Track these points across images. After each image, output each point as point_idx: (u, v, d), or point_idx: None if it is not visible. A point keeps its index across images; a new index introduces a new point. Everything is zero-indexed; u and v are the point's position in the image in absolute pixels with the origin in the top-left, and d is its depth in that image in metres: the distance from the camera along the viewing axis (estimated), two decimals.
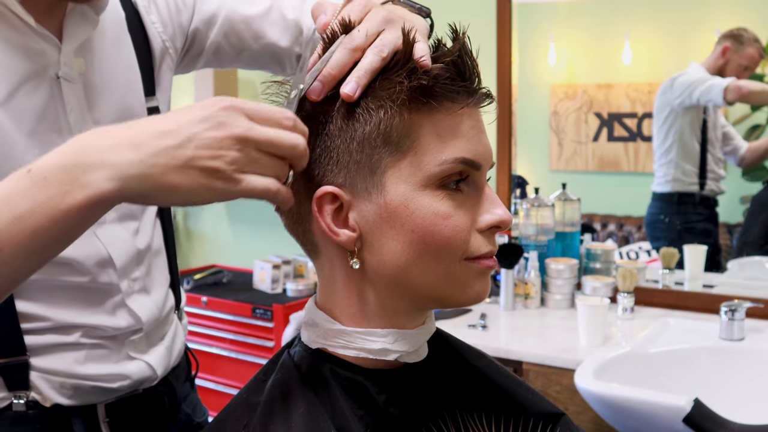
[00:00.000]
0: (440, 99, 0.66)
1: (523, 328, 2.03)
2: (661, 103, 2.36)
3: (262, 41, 1.09)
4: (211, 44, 1.08)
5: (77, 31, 0.89)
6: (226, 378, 2.71)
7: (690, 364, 1.69)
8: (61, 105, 0.88)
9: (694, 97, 2.27)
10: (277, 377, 0.72)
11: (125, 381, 0.98)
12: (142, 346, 1.01)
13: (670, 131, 2.35)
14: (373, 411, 0.70)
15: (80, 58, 0.91)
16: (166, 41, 1.04)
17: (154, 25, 1.02)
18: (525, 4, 2.49)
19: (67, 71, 0.88)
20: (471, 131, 0.68)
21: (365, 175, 0.67)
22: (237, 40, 1.09)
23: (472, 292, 0.70)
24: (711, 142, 2.33)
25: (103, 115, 0.93)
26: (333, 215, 0.68)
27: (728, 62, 2.24)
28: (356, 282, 0.70)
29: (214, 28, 1.08)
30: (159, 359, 1.03)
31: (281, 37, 1.09)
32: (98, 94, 0.93)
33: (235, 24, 1.08)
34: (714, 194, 2.35)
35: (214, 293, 2.78)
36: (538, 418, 0.80)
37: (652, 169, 2.45)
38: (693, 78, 2.29)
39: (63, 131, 0.89)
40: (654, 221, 2.43)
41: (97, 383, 0.95)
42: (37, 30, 0.85)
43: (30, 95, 0.86)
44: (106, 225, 0.95)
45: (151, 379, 1.02)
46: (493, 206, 0.69)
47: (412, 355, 0.73)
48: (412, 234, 0.66)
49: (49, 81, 0.87)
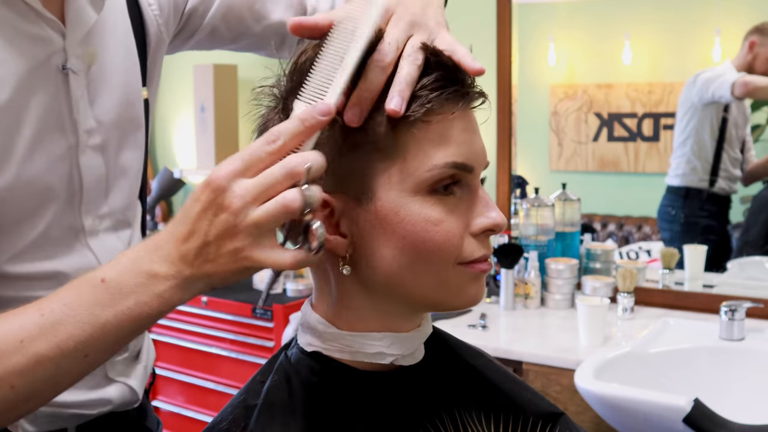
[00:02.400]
0: (432, 108, 0.65)
1: (523, 328, 2.03)
2: (684, 98, 2.36)
3: (264, 22, 1.03)
4: (206, 25, 1.02)
5: (82, 15, 0.82)
6: (226, 378, 2.71)
7: (690, 364, 1.69)
8: (66, 101, 0.82)
9: (710, 93, 2.27)
10: (275, 380, 0.71)
11: (106, 406, 0.94)
12: (121, 367, 0.96)
13: (688, 126, 2.35)
14: (370, 413, 0.70)
15: (91, 48, 0.84)
16: (162, 25, 0.96)
17: (150, 8, 0.95)
18: (525, 4, 2.49)
19: (74, 62, 0.81)
20: (463, 134, 0.67)
21: (356, 182, 0.66)
22: (237, 22, 1.02)
23: (467, 296, 0.70)
24: (729, 141, 2.31)
25: (104, 111, 0.87)
26: (324, 221, 0.67)
27: (756, 56, 2.22)
28: (350, 286, 0.70)
29: (211, 8, 1.01)
30: (139, 381, 0.99)
31: (285, 15, 1.03)
32: (99, 88, 0.86)
33: (234, 5, 1.01)
34: (726, 193, 2.34)
35: (214, 293, 2.77)
36: (537, 417, 0.79)
37: (653, 169, 2.46)
38: (713, 74, 2.28)
39: (67, 131, 0.83)
40: (664, 213, 2.43)
41: (75, 410, 0.90)
42: (41, 13, 0.78)
43: (32, 91, 0.79)
44: (100, 235, 0.90)
45: (132, 402, 0.98)
46: (487, 209, 0.69)
47: (408, 358, 0.73)
48: (404, 240, 0.66)
49: (54, 74, 0.81)
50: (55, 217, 0.84)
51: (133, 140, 0.93)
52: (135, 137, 0.93)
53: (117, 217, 0.93)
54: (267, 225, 0.59)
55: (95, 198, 0.88)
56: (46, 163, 0.81)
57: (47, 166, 0.81)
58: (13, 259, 0.82)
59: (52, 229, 0.84)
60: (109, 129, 0.88)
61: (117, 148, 0.90)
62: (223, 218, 0.59)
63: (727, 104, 2.28)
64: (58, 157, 0.83)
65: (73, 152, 0.84)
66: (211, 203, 0.59)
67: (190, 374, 2.76)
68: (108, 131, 0.88)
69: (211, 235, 0.59)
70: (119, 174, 0.91)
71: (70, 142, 0.84)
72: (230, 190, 0.58)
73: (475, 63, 0.65)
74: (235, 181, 0.59)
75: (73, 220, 0.86)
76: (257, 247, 0.59)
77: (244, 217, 0.58)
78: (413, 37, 0.66)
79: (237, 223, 0.58)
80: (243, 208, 0.58)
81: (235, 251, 0.59)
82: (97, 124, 0.86)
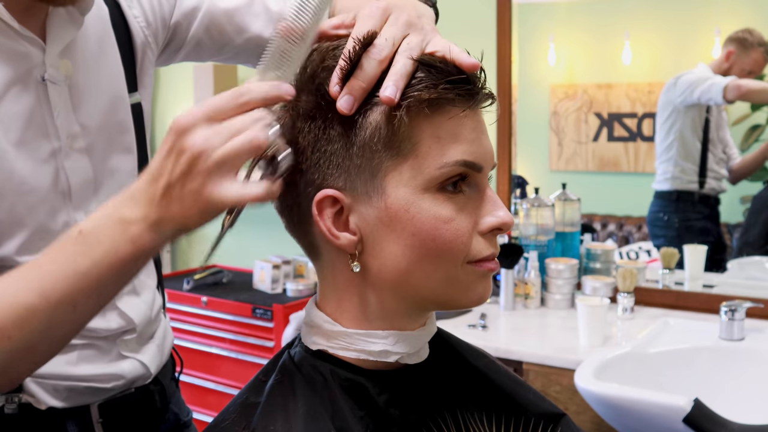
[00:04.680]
0: (443, 104, 0.66)
1: (523, 328, 2.04)
2: (665, 101, 2.37)
3: (244, 35, 1.07)
4: (191, 38, 1.06)
5: (61, 32, 0.87)
6: (226, 378, 2.71)
7: (690, 364, 1.69)
8: (48, 109, 0.87)
9: (695, 96, 2.27)
10: (278, 378, 0.72)
11: (119, 381, 0.98)
12: (134, 345, 1.01)
13: (672, 129, 2.35)
14: (374, 412, 0.70)
15: (66, 60, 0.89)
16: (148, 36, 1.01)
17: (136, 20, 1.00)
18: (525, 4, 2.49)
19: (52, 73, 0.87)
20: (472, 133, 0.68)
21: (366, 178, 0.67)
22: (218, 34, 1.06)
23: (474, 295, 0.70)
24: (713, 141, 2.32)
25: (88, 116, 0.92)
26: (333, 218, 0.68)
27: (732, 66, 2.24)
28: (357, 284, 0.70)
29: (195, 22, 1.05)
30: (151, 357, 1.03)
31: (264, 29, 1.06)
32: (83, 96, 0.92)
33: (216, 18, 1.05)
34: (715, 193, 2.35)
35: (214, 293, 2.77)
36: (538, 418, 0.79)
37: (652, 169, 2.45)
38: (695, 76, 2.29)
39: (50, 136, 0.88)
40: (654, 219, 2.43)
41: (91, 384, 0.95)
42: (20, 32, 0.84)
43: (16, 100, 0.84)
44: None
45: (145, 377, 1.02)
46: (494, 208, 0.69)
47: (413, 357, 0.73)
48: (413, 238, 0.66)
49: (35, 84, 0.86)
50: (51, 212, 0.89)
51: (120, 143, 0.98)
52: (123, 140, 0.98)
53: None
54: (230, 161, 0.61)
55: (85, 197, 0.93)
56: (32, 165, 0.86)
57: (34, 167, 0.86)
58: (22, 250, 0.86)
59: (50, 222, 0.89)
60: (95, 133, 0.93)
61: (104, 150, 0.95)
62: (186, 158, 0.61)
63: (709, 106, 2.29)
64: (43, 160, 0.88)
65: (58, 155, 0.89)
66: (173, 145, 0.62)
67: (190, 374, 2.76)
68: (93, 135, 0.93)
69: (174, 175, 0.61)
70: (108, 175, 0.96)
71: (54, 146, 0.88)
72: (193, 132, 0.61)
73: (469, 59, 0.66)
74: (199, 125, 0.61)
75: (67, 216, 0.91)
76: (219, 185, 0.61)
77: (207, 157, 0.60)
78: (409, 37, 0.67)
79: (199, 162, 0.61)
80: (205, 148, 0.61)
81: (198, 191, 0.61)
82: (82, 129, 0.91)
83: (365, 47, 0.66)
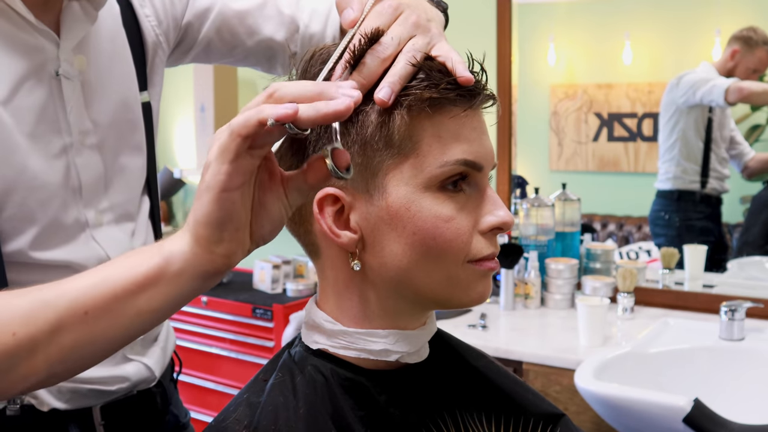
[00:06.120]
0: (444, 104, 0.66)
1: (523, 328, 2.03)
2: (668, 101, 2.37)
3: (256, 37, 1.06)
4: (202, 39, 1.06)
5: (75, 26, 0.87)
6: (226, 378, 2.71)
7: (690, 364, 1.69)
8: (61, 104, 0.87)
9: (697, 96, 2.27)
10: (278, 377, 0.72)
11: (124, 383, 0.98)
12: (138, 348, 1.01)
13: (675, 129, 2.35)
14: (374, 411, 0.70)
15: (80, 55, 0.89)
16: (159, 35, 1.01)
17: (147, 19, 1.00)
18: (525, 4, 2.49)
19: (66, 68, 0.87)
20: (473, 133, 0.68)
21: (366, 177, 0.67)
22: (230, 36, 1.06)
23: (474, 294, 0.70)
24: (715, 141, 2.32)
25: (100, 113, 0.92)
26: (334, 217, 0.68)
27: (737, 65, 2.24)
28: (357, 283, 0.70)
29: (206, 23, 1.05)
30: (156, 360, 1.03)
31: (276, 31, 1.06)
32: (95, 92, 0.92)
33: (228, 19, 1.05)
34: (717, 193, 2.34)
35: (214, 293, 2.77)
36: (538, 418, 0.80)
37: (653, 169, 2.46)
38: (698, 77, 2.28)
39: (62, 131, 0.88)
40: (656, 218, 2.43)
41: (95, 386, 0.95)
42: (36, 26, 0.84)
43: (29, 94, 0.84)
44: (103, 227, 0.94)
45: (149, 381, 1.02)
46: (495, 207, 0.69)
47: (413, 356, 0.73)
48: (414, 236, 0.67)
49: (48, 79, 0.86)
50: (62, 207, 0.89)
51: (131, 141, 0.98)
52: (133, 138, 0.98)
53: (118, 211, 0.97)
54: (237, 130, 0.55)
55: (95, 193, 0.92)
56: (43, 160, 0.86)
57: (45, 162, 0.86)
58: (35, 245, 0.87)
59: (61, 217, 0.89)
60: (106, 130, 0.93)
61: (115, 147, 0.95)
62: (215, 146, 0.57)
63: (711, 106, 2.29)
64: (55, 156, 0.87)
65: (69, 151, 0.89)
66: None
67: (190, 374, 2.76)
68: (105, 132, 0.93)
69: None
70: (118, 171, 0.96)
71: (65, 141, 0.88)
72: None
73: (465, 72, 0.67)
74: None
75: (78, 213, 0.91)
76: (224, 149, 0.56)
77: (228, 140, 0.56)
78: (415, 38, 0.68)
79: None
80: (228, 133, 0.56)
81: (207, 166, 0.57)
82: (93, 126, 0.91)
83: (371, 43, 0.66)
